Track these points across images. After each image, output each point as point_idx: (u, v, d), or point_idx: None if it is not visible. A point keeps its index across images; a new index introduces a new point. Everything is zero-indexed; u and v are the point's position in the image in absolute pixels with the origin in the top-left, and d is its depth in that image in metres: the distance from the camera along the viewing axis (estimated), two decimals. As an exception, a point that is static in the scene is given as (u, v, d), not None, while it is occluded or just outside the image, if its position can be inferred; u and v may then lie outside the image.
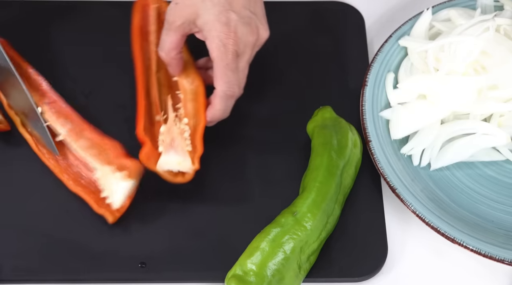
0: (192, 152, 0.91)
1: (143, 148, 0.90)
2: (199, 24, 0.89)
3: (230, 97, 0.91)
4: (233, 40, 0.88)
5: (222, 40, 0.88)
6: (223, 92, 0.90)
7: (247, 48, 0.91)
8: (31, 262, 0.89)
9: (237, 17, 0.89)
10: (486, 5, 1.03)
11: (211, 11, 0.88)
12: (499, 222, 0.91)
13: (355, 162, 0.93)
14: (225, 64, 0.89)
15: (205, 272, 0.89)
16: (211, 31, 0.88)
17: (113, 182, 0.90)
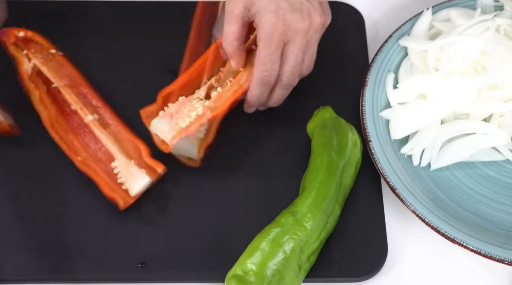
0: (203, 140, 0.93)
1: (151, 105, 0.93)
2: (253, 11, 0.89)
3: (265, 84, 0.92)
4: (280, 29, 0.89)
5: (269, 29, 0.88)
6: (260, 79, 0.92)
7: (298, 35, 0.90)
8: (31, 262, 0.89)
9: (287, 4, 0.89)
10: (486, 5, 1.03)
11: (264, 1, 0.88)
12: (499, 222, 0.91)
13: (355, 162, 0.93)
14: (267, 54, 0.90)
15: (205, 272, 0.89)
16: (261, 19, 0.89)
17: (131, 173, 0.90)
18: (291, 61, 0.92)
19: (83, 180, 0.93)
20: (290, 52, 0.91)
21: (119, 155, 0.93)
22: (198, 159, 0.93)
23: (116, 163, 0.92)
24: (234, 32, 0.91)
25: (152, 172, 0.92)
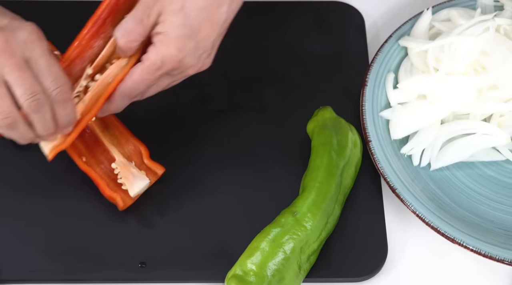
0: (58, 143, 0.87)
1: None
2: (159, 30, 0.83)
3: (130, 100, 0.87)
4: (172, 66, 0.84)
5: (163, 60, 0.83)
6: (126, 95, 0.86)
7: (180, 76, 0.87)
8: (31, 262, 0.89)
9: (193, 47, 0.84)
10: (486, 5, 1.03)
11: (177, 30, 0.83)
12: (499, 222, 0.91)
13: (355, 162, 0.93)
14: (146, 78, 0.85)
15: (205, 272, 0.89)
16: (162, 46, 0.83)
17: (131, 174, 0.91)
18: (155, 90, 0.88)
19: (83, 180, 0.93)
20: (161, 85, 0.87)
21: (119, 156, 0.93)
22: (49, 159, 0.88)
23: (116, 164, 0.92)
24: (140, 34, 0.84)
25: (152, 174, 0.92)
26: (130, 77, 0.85)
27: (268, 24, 1.06)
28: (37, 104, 0.80)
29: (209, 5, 0.83)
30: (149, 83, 0.85)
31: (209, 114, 0.99)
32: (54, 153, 0.86)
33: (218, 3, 0.84)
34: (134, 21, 0.84)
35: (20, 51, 0.79)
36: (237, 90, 1.01)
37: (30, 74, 0.80)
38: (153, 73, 0.84)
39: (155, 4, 0.83)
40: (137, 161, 0.93)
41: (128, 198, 0.91)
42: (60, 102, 0.82)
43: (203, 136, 0.97)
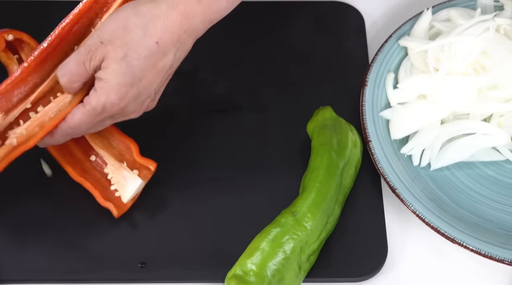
0: None
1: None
2: (101, 76, 0.83)
3: (70, 136, 0.88)
4: (114, 112, 0.85)
5: (106, 106, 0.84)
6: (67, 134, 0.87)
7: (121, 119, 0.88)
8: (31, 262, 0.89)
9: (135, 95, 0.84)
10: (486, 5, 1.03)
11: (119, 78, 0.83)
12: (499, 222, 0.91)
13: (355, 162, 0.93)
14: (88, 121, 0.86)
15: (205, 272, 0.89)
16: (103, 93, 0.83)
17: (123, 178, 0.90)
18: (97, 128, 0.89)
19: (83, 180, 0.93)
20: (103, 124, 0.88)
21: (110, 159, 0.92)
22: None
23: (108, 168, 0.92)
24: (81, 75, 0.84)
25: (145, 171, 0.92)
26: (72, 118, 0.86)
27: (268, 24, 1.06)
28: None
29: (153, 54, 0.84)
30: (90, 125, 0.86)
31: (209, 114, 0.99)
32: None
33: (162, 52, 0.84)
34: (75, 63, 0.84)
35: None
36: (237, 90, 1.01)
37: None
38: (94, 117, 0.85)
39: (98, 49, 0.83)
40: (130, 160, 0.93)
41: (123, 205, 0.91)
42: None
43: (203, 136, 0.97)
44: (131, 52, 0.83)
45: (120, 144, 0.94)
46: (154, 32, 0.83)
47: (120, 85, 0.83)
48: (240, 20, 1.06)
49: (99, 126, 0.88)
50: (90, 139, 0.93)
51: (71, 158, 0.93)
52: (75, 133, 0.88)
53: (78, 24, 0.89)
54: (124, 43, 0.83)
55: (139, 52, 0.83)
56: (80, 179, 0.92)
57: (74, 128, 0.87)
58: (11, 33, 0.96)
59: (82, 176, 0.92)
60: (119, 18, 0.84)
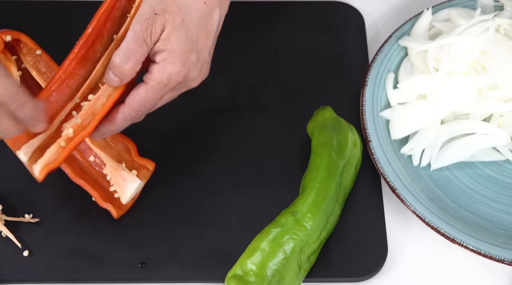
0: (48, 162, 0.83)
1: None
2: (161, 48, 0.82)
3: (132, 120, 0.85)
4: (178, 82, 0.83)
5: (169, 77, 0.82)
6: (131, 117, 0.85)
7: (182, 90, 0.86)
8: (31, 262, 0.89)
9: (196, 59, 0.83)
10: (486, 5, 1.03)
11: (181, 45, 0.82)
12: (499, 222, 0.91)
13: (355, 162, 0.93)
14: (152, 98, 0.84)
15: (205, 272, 0.89)
16: (167, 64, 0.82)
17: (122, 179, 0.90)
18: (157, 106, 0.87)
19: (83, 180, 0.93)
20: (163, 100, 0.86)
21: (109, 160, 0.92)
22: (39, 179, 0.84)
23: (107, 169, 0.92)
24: (143, 55, 0.82)
25: (144, 171, 0.91)
26: (134, 99, 0.83)
27: (268, 24, 1.06)
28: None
29: (204, 15, 0.83)
30: (154, 102, 0.84)
31: (209, 114, 0.99)
32: (44, 173, 0.83)
33: (210, 13, 0.84)
34: (136, 42, 0.81)
35: None
36: (237, 90, 1.01)
37: None
38: (159, 92, 0.83)
39: (156, 20, 0.81)
40: (128, 160, 0.93)
41: (122, 205, 0.91)
42: (15, 109, 0.78)
43: (202, 136, 0.97)
44: (187, 16, 0.82)
45: (118, 144, 0.94)
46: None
47: (183, 52, 0.82)
48: (240, 20, 1.06)
49: (160, 103, 0.86)
50: (88, 139, 0.93)
51: (70, 159, 0.93)
52: (138, 115, 0.85)
53: (113, 11, 0.87)
54: (178, 8, 0.81)
55: (193, 15, 0.82)
56: (79, 180, 0.92)
57: (138, 110, 0.84)
58: (9, 33, 0.96)
59: (81, 177, 0.92)
60: None
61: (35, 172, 0.84)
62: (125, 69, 0.82)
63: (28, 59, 0.97)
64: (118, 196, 0.91)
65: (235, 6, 0.93)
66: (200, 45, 0.84)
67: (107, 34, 0.88)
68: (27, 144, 0.84)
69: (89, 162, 0.94)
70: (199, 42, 0.83)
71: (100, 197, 0.91)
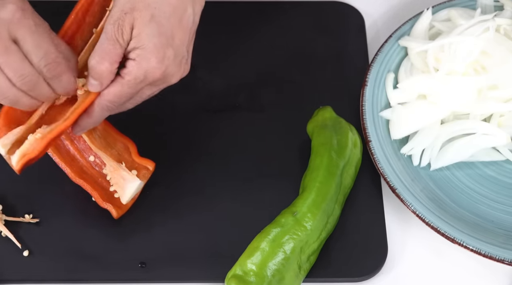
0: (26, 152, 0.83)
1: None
2: (134, 45, 0.81)
3: (108, 111, 0.85)
4: (155, 78, 0.82)
5: (146, 73, 0.82)
6: (107, 108, 0.84)
7: (162, 86, 0.85)
8: (31, 262, 0.89)
9: (173, 55, 0.82)
10: (486, 5, 1.03)
11: (154, 40, 0.81)
12: (499, 222, 0.91)
13: (355, 162, 0.93)
14: (128, 92, 0.83)
15: (205, 272, 0.89)
16: (142, 60, 0.81)
17: (122, 178, 0.90)
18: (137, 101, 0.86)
19: (83, 180, 0.93)
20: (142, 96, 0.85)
21: (109, 160, 0.92)
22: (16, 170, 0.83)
23: (107, 169, 0.92)
24: (118, 55, 0.81)
25: (144, 171, 0.92)
26: (109, 91, 0.83)
27: (268, 24, 1.06)
28: (29, 84, 0.80)
29: (176, 9, 0.82)
30: (130, 96, 0.84)
31: (209, 114, 0.99)
32: (21, 164, 0.82)
33: (183, 7, 0.83)
34: (109, 43, 0.81)
35: (5, 32, 0.78)
36: (237, 90, 1.01)
37: (17, 56, 0.78)
38: (135, 86, 0.83)
39: (124, 20, 0.81)
40: (128, 160, 0.93)
41: (122, 205, 0.91)
42: (53, 78, 0.81)
43: (202, 136, 0.97)
44: (157, 11, 0.81)
45: (118, 144, 0.94)
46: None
47: (158, 47, 0.81)
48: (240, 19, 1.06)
49: (138, 98, 0.85)
50: (88, 139, 0.93)
51: (70, 159, 0.93)
52: (113, 107, 0.84)
53: (92, 5, 0.88)
54: (146, 5, 0.81)
55: (163, 10, 0.81)
56: (79, 180, 0.92)
57: (114, 101, 0.84)
58: None
59: (81, 177, 0.92)
60: None
61: (13, 163, 0.83)
62: (101, 69, 0.82)
63: None
64: (118, 196, 0.91)
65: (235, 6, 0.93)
66: (177, 40, 0.83)
67: (87, 29, 0.88)
68: (6, 136, 0.83)
69: (89, 162, 0.94)
70: (175, 37, 0.83)
71: (100, 197, 0.91)
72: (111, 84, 0.83)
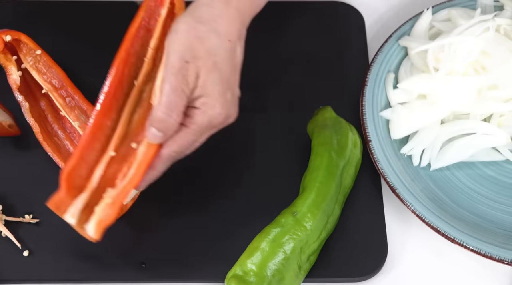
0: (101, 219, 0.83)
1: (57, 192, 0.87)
2: (198, 94, 0.82)
3: (173, 160, 0.86)
4: (220, 122, 0.84)
5: (212, 120, 0.83)
6: (171, 158, 0.85)
7: (221, 127, 0.86)
8: (31, 262, 0.89)
9: (231, 97, 0.84)
10: (486, 5, 1.03)
11: (218, 88, 0.82)
12: (499, 222, 0.91)
13: (355, 162, 0.93)
14: (193, 140, 0.84)
15: (205, 272, 0.89)
16: (208, 109, 0.82)
17: None
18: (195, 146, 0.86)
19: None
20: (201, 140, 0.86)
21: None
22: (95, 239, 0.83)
23: None
24: (184, 105, 0.82)
25: None
26: (175, 141, 0.84)
27: (268, 24, 1.06)
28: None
29: (230, 53, 0.83)
30: (193, 143, 0.85)
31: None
32: (100, 231, 0.83)
33: (234, 48, 0.84)
34: (175, 94, 0.81)
35: None
36: (237, 90, 1.01)
37: None
38: (200, 134, 0.84)
39: (188, 69, 0.81)
40: None
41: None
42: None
43: (203, 136, 0.97)
44: (217, 58, 0.82)
45: None
46: (224, 32, 0.82)
47: (221, 94, 0.82)
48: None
49: (197, 143, 0.86)
50: None
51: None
52: (179, 156, 0.85)
53: (129, 57, 0.88)
54: (207, 53, 0.81)
55: (222, 56, 0.82)
56: None
57: (179, 151, 0.84)
58: (9, 33, 0.96)
59: None
60: (185, 31, 0.81)
61: (89, 232, 0.83)
62: (170, 122, 0.82)
63: (28, 59, 0.97)
64: None
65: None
66: (232, 82, 0.84)
67: (126, 81, 0.88)
68: (72, 206, 0.83)
69: None
70: (231, 79, 0.84)
71: None
72: (177, 135, 0.83)
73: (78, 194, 0.84)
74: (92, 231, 0.83)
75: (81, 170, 0.84)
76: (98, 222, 0.83)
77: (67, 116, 0.94)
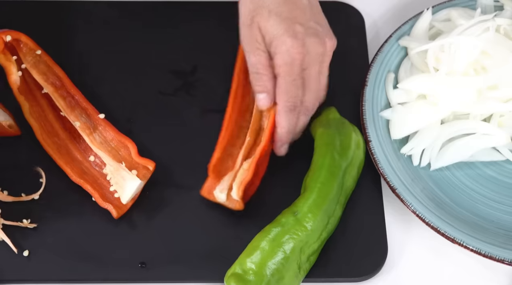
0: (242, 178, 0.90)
1: (206, 181, 0.92)
2: (268, 40, 0.89)
3: (292, 112, 0.90)
4: (301, 53, 0.88)
5: (290, 54, 0.87)
6: (287, 108, 0.90)
7: (316, 60, 0.90)
8: (31, 262, 0.89)
9: (302, 28, 0.88)
10: (486, 5, 1.03)
11: (279, 26, 0.88)
12: (499, 222, 0.91)
13: (358, 164, 0.93)
14: (291, 80, 0.89)
15: (205, 272, 0.89)
16: (279, 45, 0.88)
17: (122, 178, 0.90)
18: (313, 86, 0.91)
19: (83, 180, 0.93)
20: (311, 77, 0.90)
21: (109, 159, 0.92)
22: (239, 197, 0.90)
23: (107, 169, 0.92)
24: (260, 61, 0.89)
25: (144, 171, 0.92)
26: (279, 92, 0.89)
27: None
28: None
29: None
30: (297, 83, 0.89)
31: (209, 114, 0.99)
32: (241, 190, 0.89)
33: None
34: (253, 54, 0.89)
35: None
36: (237, 90, 1.01)
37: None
38: (293, 72, 0.88)
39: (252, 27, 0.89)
40: (128, 160, 0.93)
41: (122, 205, 0.91)
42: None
43: (203, 135, 0.97)
44: (271, 6, 0.88)
45: (118, 144, 0.94)
46: None
47: (286, 29, 0.87)
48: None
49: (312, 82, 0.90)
50: (88, 139, 0.93)
51: (70, 159, 0.93)
52: (293, 105, 0.90)
53: None
54: (260, 6, 0.89)
55: (275, 3, 0.89)
56: (79, 181, 0.92)
57: (287, 99, 0.89)
58: (9, 33, 0.96)
59: (81, 177, 0.92)
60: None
61: (234, 196, 0.89)
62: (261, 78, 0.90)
63: (28, 59, 0.97)
64: (118, 196, 0.91)
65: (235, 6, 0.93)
66: (299, 18, 0.89)
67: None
68: (220, 183, 0.91)
69: (89, 162, 0.94)
70: (297, 17, 0.89)
71: (100, 197, 0.91)
72: (277, 87, 0.89)
73: (223, 176, 0.91)
74: (235, 193, 0.89)
75: (225, 161, 0.92)
76: (239, 183, 0.89)
77: (67, 116, 0.94)
